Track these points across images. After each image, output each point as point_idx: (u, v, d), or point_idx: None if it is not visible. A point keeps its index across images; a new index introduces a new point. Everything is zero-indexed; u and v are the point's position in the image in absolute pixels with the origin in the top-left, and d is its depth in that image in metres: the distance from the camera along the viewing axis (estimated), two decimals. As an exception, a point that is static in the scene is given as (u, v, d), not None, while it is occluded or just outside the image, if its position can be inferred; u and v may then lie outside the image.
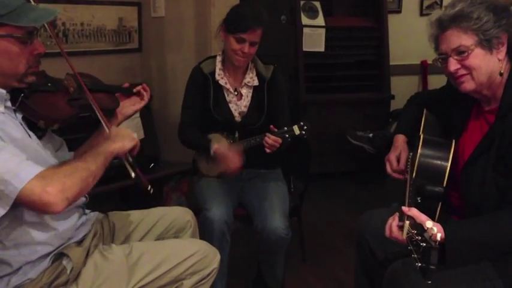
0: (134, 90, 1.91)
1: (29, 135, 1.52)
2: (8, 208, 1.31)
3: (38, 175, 1.32)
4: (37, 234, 1.49)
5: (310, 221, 3.41)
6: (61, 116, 1.61)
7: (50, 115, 1.57)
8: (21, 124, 1.51)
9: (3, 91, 1.46)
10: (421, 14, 4.64)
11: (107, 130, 1.64)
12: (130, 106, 1.90)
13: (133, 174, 1.63)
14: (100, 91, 1.79)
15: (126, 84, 1.95)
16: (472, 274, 1.51)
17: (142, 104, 1.93)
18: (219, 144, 2.31)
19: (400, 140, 1.96)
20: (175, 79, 3.43)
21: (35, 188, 1.30)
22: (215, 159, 2.32)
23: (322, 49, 4.15)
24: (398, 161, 1.90)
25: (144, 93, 1.92)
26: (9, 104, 1.49)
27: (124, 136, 1.60)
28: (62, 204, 1.33)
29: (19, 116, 1.53)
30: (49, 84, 1.63)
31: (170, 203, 3.17)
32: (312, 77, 4.16)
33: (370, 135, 3.61)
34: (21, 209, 1.38)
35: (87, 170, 1.42)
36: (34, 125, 1.56)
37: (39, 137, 1.59)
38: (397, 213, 1.45)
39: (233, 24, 2.27)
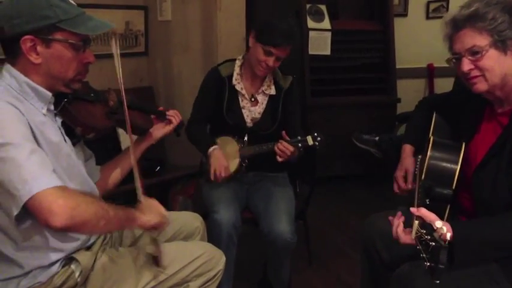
0: (167, 115, 1.95)
1: (65, 140, 1.55)
2: (19, 210, 1.30)
3: (58, 186, 1.31)
4: (54, 240, 1.49)
5: (316, 224, 3.40)
6: (98, 125, 1.65)
7: (88, 123, 1.61)
8: (60, 128, 1.55)
9: (49, 94, 1.50)
10: (427, 18, 4.62)
11: (140, 198, 1.63)
12: (161, 129, 1.95)
13: (152, 250, 1.63)
14: (137, 110, 1.84)
15: (161, 108, 1.99)
16: (479, 276, 1.51)
17: (172, 127, 1.96)
18: (218, 150, 2.32)
19: (407, 151, 1.96)
20: (182, 83, 3.45)
21: (50, 195, 1.28)
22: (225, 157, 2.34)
23: (328, 52, 4.15)
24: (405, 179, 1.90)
25: (174, 118, 1.96)
26: (52, 107, 1.53)
27: (153, 211, 1.59)
28: (64, 220, 1.27)
29: (59, 120, 1.57)
30: (92, 95, 1.68)
31: (176, 206, 3.18)
32: (318, 80, 4.15)
33: (376, 138, 3.61)
34: None
35: (105, 211, 1.38)
36: (71, 131, 1.60)
37: (73, 144, 1.61)
38: (402, 216, 1.45)
39: (266, 35, 2.24)
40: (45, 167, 1.34)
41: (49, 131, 1.46)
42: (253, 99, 2.43)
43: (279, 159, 2.21)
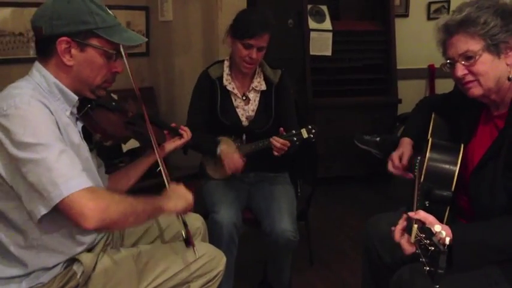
0: (180, 129, 2.01)
1: (84, 145, 1.58)
2: (48, 210, 1.32)
3: (89, 188, 1.33)
4: (61, 244, 1.50)
5: (317, 225, 3.41)
6: (117, 134, 1.70)
7: (108, 131, 1.64)
8: (80, 133, 1.57)
9: (76, 97, 1.53)
10: (429, 18, 4.63)
11: (167, 186, 1.72)
12: (172, 143, 2.00)
13: (183, 233, 1.69)
14: (153, 123, 1.88)
15: (173, 124, 2.04)
16: (478, 279, 1.50)
17: (183, 141, 2.01)
18: (226, 146, 2.33)
19: (405, 142, 1.96)
20: (183, 83, 3.45)
21: (82, 198, 1.31)
22: (220, 160, 2.33)
23: (329, 53, 4.16)
24: (400, 159, 1.90)
25: (186, 133, 2.02)
26: (75, 110, 1.56)
27: (179, 196, 1.65)
28: (96, 223, 1.31)
29: (79, 124, 1.59)
30: (113, 103, 1.73)
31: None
32: (319, 81, 4.16)
33: (378, 139, 3.60)
34: (61, 215, 1.38)
35: (134, 207, 1.42)
36: (89, 136, 1.63)
37: (90, 150, 1.63)
38: (404, 222, 1.44)
39: (240, 30, 2.28)
40: (75, 167, 1.36)
41: (72, 133, 1.50)
42: (245, 98, 2.43)
43: (275, 153, 2.21)
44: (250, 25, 2.26)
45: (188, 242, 1.70)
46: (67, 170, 1.32)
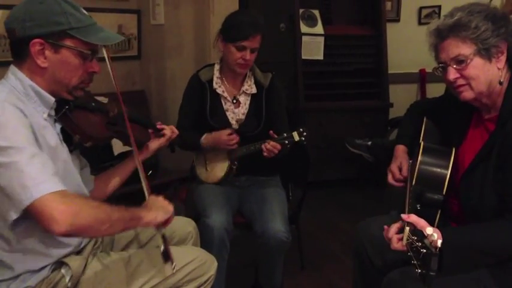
0: (158, 127, 1.95)
1: (62, 146, 1.56)
2: (19, 214, 1.30)
3: (60, 191, 1.31)
4: (46, 246, 1.49)
5: (309, 229, 3.40)
6: (96, 135, 1.66)
7: (87, 132, 1.61)
8: (58, 134, 1.55)
9: (53, 99, 1.51)
10: (420, 23, 4.65)
11: (146, 196, 1.66)
12: (156, 141, 1.95)
13: (162, 248, 1.62)
14: (136, 122, 1.86)
15: (159, 123, 1.99)
16: (468, 282, 1.51)
17: (166, 138, 1.96)
18: (208, 134, 2.35)
19: (401, 150, 1.96)
20: (175, 86, 3.44)
21: (52, 201, 1.28)
22: (213, 162, 2.36)
23: (321, 57, 4.16)
24: (400, 170, 1.90)
25: (167, 130, 1.97)
26: (53, 112, 1.54)
27: (159, 207, 1.60)
28: (65, 227, 1.26)
29: (58, 126, 1.57)
30: (93, 104, 1.70)
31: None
32: (310, 85, 4.17)
33: (369, 143, 3.61)
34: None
35: (108, 214, 1.37)
36: (69, 138, 1.61)
37: (70, 151, 1.61)
38: (398, 224, 1.45)
39: (232, 33, 2.28)
40: (47, 170, 1.33)
41: (49, 136, 1.48)
42: (235, 101, 2.43)
43: (265, 154, 2.21)
44: (241, 27, 2.26)
45: (166, 256, 1.63)
46: (38, 174, 1.30)
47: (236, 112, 2.43)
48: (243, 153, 2.32)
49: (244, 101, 2.44)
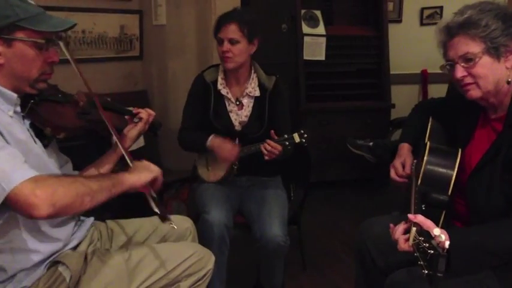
0: (136, 113, 1.86)
1: (35, 141, 1.53)
2: None
3: (31, 178, 1.29)
4: (32, 241, 1.48)
5: (310, 229, 3.40)
6: (68, 125, 1.63)
7: (57, 123, 1.59)
8: (28, 130, 1.53)
9: (15, 95, 1.48)
10: (422, 24, 4.65)
11: (130, 164, 1.62)
12: (135, 128, 1.86)
13: (156, 210, 1.61)
14: (110, 110, 1.81)
15: (135, 109, 1.90)
16: (472, 284, 1.50)
17: (144, 122, 1.86)
18: (216, 138, 2.33)
19: (405, 148, 1.95)
20: (176, 87, 3.44)
21: (25, 189, 1.27)
22: (214, 162, 2.34)
23: (322, 58, 4.17)
24: (403, 166, 1.90)
25: (143, 113, 1.87)
26: (18, 109, 1.51)
27: (142, 168, 1.58)
28: (46, 209, 1.26)
29: (27, 122, 1.55)
30: (60, 96, 1.66)
31: (170, 211, 3.17)
32: (312, 86, 4.17)
33: (370, 143, 3.61)
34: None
35: (86, 186, 1.36)
36: (41, 132, 1.57)
37: (45, 146, 1.59)
38: (404, 225, 1.44)
39: (214, 28, 2.35)
40: (15, 160, 1.32)
41: (16, 131, 1.44)
42: (238, 103, 2.43)
43: (266, 157, 2.20)
44: (217, 21, 2.33)
45: (163, 217, 1.63)
46: (6, 165, 1.29)
47: (239, 114, 2.43)
48: (244, 154, 2.32)
49: (248, 103, 2.44)
